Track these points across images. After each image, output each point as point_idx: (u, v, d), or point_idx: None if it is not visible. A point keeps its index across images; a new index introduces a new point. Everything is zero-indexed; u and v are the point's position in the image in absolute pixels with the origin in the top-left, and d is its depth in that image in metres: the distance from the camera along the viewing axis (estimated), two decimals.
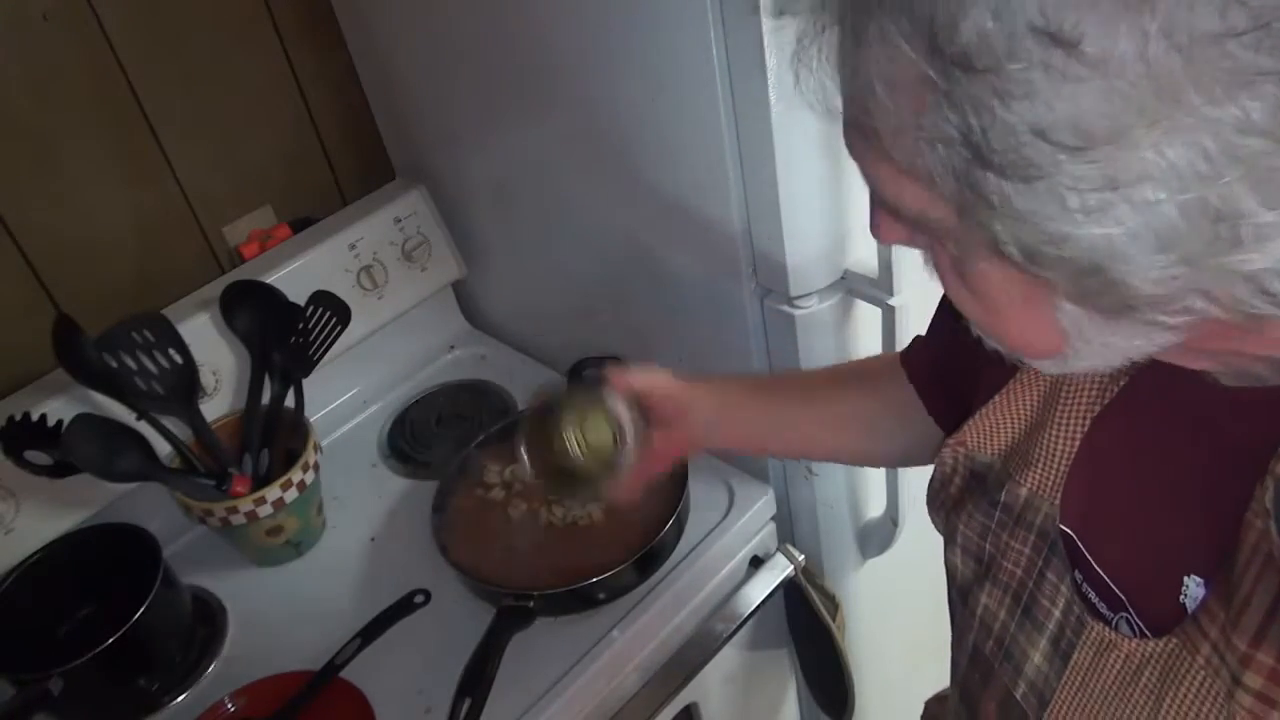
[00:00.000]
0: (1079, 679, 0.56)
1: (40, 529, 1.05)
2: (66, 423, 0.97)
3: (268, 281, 1.16)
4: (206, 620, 1.09)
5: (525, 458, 0.81)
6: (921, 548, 0.73)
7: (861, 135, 0.40)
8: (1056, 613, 0.58)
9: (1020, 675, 0.60)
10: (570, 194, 1.10)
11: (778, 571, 1.09)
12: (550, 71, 0.99)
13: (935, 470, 0.68)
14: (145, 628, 0.95)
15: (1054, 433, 0.59)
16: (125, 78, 1.11)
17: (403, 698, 0.97)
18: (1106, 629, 0.55)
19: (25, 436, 1.00)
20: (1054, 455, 0.59)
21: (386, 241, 1.27)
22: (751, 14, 0.78)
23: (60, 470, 1.01)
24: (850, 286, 0.97)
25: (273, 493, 1.06)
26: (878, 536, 1.18)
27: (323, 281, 1.18)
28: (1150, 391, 0.54)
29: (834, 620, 1.14)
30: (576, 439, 0.77)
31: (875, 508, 1.17)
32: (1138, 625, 0.54)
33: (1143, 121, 0.32)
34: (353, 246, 1.24)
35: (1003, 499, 0.61)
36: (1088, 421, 0.57)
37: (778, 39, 0.79)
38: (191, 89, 1.16)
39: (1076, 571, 0.58)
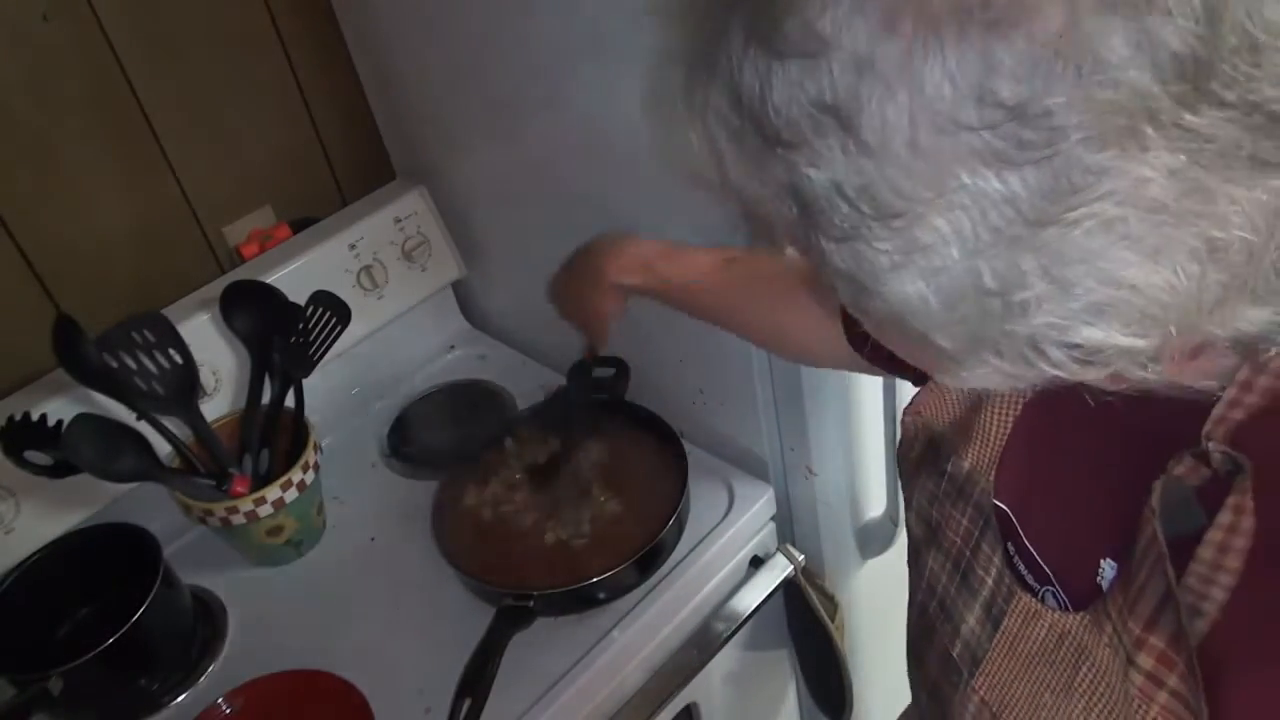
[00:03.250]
0: (1008, 643, 0.61)
1: (40, 529, 1.05)
2: (66, 423, 0.97)
3: (268, 281, 1.16)
4: (206, 620, 1.09)
5: None
6: None
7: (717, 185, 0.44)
8: (989, 581, 0.62)
9: (957, 635, 0.65)
10: (570, 194, 1.10)
11: (778, 571, 1.09)
12: (550, 71, 0.99)
13: (901, 435, 0.72)
14: (145, 628, 0.95)
15: (989, 413, 0.63)
16: (125, 78, 1.11)
17: (402, 697, 0.97)
18: (1034, 600, 0.59)
19: (25, 436, 1.00)
20: (989, 434, 0.63)
21: (386, 241, 1.27)
22: None
23: (60, 470, 1.01)
24: None
25: (273, 493, 1.06)
26: (878, 536, 1.18)
27: (323, 281, 1.18)
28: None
29: (833, 621, 1.14)
30: None
31: (875, 508, 1.17)
32: (1062, 599, 0.58)
33: (925, 194, 0.34)
34: (353, 246, 1.24)
35: (949, 469, 0.65)
36: (1019, 405, 0.61)
37: None
38: (192, 89, 1.16)
39: (1010, 544, 0.62)
